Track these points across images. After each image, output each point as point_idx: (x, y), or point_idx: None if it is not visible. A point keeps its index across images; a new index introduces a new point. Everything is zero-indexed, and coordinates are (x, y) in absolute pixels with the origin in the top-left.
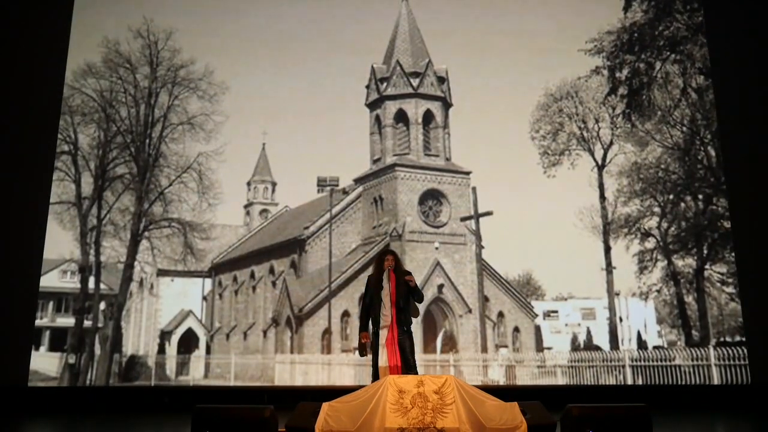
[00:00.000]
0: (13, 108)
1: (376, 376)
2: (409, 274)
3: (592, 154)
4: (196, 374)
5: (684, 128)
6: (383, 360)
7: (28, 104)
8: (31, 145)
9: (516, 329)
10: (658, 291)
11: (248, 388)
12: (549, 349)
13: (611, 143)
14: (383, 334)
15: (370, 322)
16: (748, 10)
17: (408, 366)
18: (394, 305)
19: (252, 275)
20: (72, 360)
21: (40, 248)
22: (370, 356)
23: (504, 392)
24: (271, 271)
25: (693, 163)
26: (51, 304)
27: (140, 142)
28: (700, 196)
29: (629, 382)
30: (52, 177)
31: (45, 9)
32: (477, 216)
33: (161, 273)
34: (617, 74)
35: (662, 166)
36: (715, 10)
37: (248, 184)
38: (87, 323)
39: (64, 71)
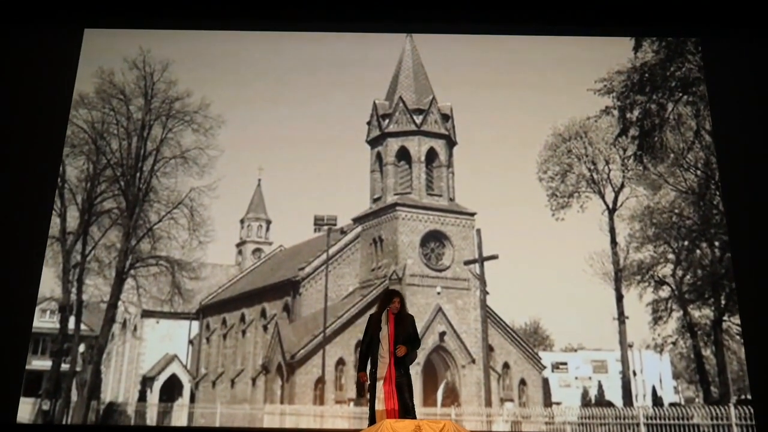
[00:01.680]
0: (15, 142)
1: (372, 420)
2: (412, 320)
3: (603, 197)
4: (178, 424)
5: (698, 172)
6: (380, 403)
7: (30, 139)
8: (31, 182)
9: (522, 382)
10: (674, 343)
11: (240, 429)
12: (558, 404)
13: (622, 186)
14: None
15: (369, 362)
16: (748, 58)
17: (406, 409)
18: (392, 352)
19: (242, 318)
20: (46, 406)
21: (35, 284)
22: (367, 404)
23: None
24: (263, 314)
25: (708, 208)
26: None
27: (130, 176)
28: (717, 243)
29: None
30: (50, 216)
31: (54, 41)
32: (481, 260)
33: (146, 314)
34: (628, 115)
35: (676, 211)
36: (714, 54)
37: (242, 221)
38: (64, 366)
39: (68, 106)
